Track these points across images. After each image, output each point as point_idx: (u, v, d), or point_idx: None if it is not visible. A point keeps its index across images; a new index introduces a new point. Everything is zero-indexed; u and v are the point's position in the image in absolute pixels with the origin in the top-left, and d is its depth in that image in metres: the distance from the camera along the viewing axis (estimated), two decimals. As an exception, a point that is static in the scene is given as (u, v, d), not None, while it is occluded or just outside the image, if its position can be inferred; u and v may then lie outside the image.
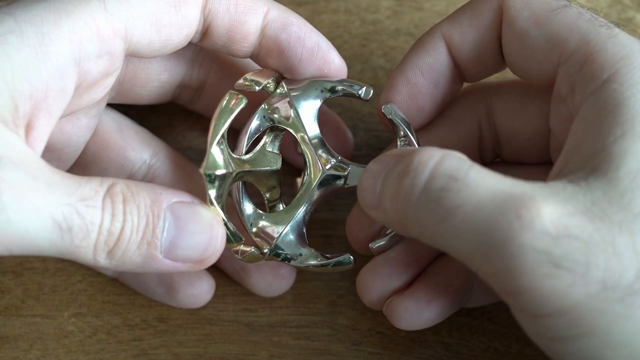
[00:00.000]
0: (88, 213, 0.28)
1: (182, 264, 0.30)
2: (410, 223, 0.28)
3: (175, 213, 0.30)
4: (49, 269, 0.39)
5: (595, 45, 0.29)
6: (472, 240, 0.26)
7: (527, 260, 0.25)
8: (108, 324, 0.38)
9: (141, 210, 0.29)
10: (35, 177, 0.27)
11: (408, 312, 0.33)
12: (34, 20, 0.28)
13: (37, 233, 0.27)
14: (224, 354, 0.37)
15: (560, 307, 0.25)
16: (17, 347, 0.38)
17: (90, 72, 0.30)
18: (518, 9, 0.31)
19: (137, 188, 0.29)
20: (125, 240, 0.29)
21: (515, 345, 0.37)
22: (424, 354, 0.37)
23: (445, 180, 0.27)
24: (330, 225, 0.39)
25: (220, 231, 0.31)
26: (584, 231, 0.25)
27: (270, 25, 0.34)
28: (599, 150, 0.27)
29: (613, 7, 0.41)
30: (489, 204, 0.26)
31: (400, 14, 0.42)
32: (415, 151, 0.29)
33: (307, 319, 0.38)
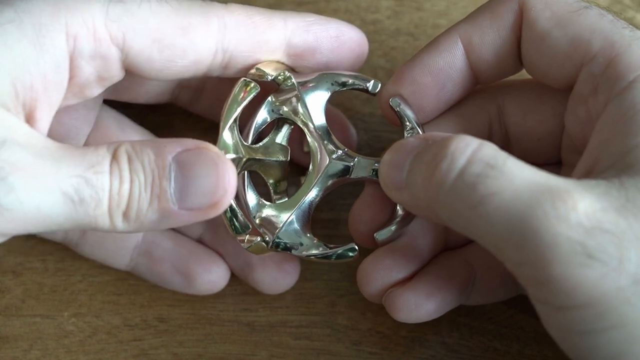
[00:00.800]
0: (98, 180, 0.28)
1: (198, 212, 0.29)
2: (441, 207, 0.29)
3: (180, 162, 0.29)
4: (49, 269, 0.39)
5: (620, 47, 0.30)
6: (506, 227, 0.26)
7: (561, 249, 0.25)
8: (108, 324, 0.38)
9: (146, 167, 0.29)
10: (40, 155, 0.27)
11: (407, 304, 0.33)
12: (33, 10, 0.29)
13: (50, 209, 0.27)
14: (224, 354, 0.37)
15: (590, 298, 0.25)
16: (17, 347, 0.38)
17: (82, 70, 0.30)
18: (539, 10, 0.31)
19: (141, 145, 0.29)
20: (135, 199, 0.28)
21: (515, 345, 0.37)
22: (424, 354, 0.37)
23: (482, 167, 0.27)
24: (331, 225, 0.39)
25: (228, 168, 0.30)
26: (618, 226, 0.26)
27: (294, 34, 0.33)
28: (630, 148, 0.28)
29: (613, 7, 0.41)
30: (526, 193, 0.26)
31: (400, 14, 0.42)
32: (451, 137, 0.29)
33: (307, 319, 0.38)
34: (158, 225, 0.29)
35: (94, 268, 0.39)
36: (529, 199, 0.26)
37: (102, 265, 0.39)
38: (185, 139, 0.30)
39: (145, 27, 0.30)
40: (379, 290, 0.34)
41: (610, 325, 0.26)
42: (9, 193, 0.26)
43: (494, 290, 0.35)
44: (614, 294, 0.25)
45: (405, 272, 0.34)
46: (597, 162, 0.29)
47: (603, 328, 0.26)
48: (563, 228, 0.26)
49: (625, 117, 0.29)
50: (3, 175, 0.26)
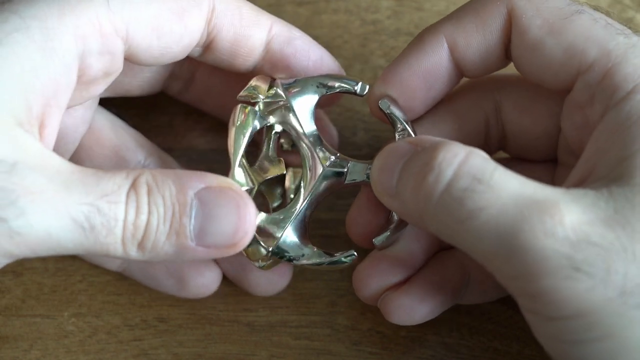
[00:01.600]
0: (110, 209, 0.27)
1: (215, 250, 0.29)
2: (430, 219, 0.29)
3: (202, 199, 0.29)
4: (49, 269, 0.39)
5: (616, 57, 0.29)
6: (494, 242, 0.27)
7: (549, 263, 0.26)
8: (108, 324, 0.38)
9: (167, 200, 0.28)
10: (51, 179, 0.27)
11: (402, 308, 0.33)
12: (38, 15, 0.28)
13: (59, 235, 0.27)
14: (224, 354, 0.37)
15: (578, 309, 0.26)
16: (17, 347, 0.38)
17: (92, 68, 0.30)
18: (530, 17, 0.31)
19: (163, 177, 0.29)
20: (153, 231, 0.28)
21: (515, 345, 0.37)
22: (424, 354, 0.37)
23: (469, 181, 0.27)
24: (331, 225, 0.39)
25: (249, 209, 0.30)
26: (605, 239, 0.26)
27: (275, 40, 0.34)
28: (623, 159, 0.28)
29: (613, 7, 0.41)
30: (513, 208, 0.26)
31: (400, 14, 0.42)
32: (438, 146, 0.29)
33: (307, 319, 0.38)
34: (172, 258, 0.29)
35: (94, 268, 0.39)
36: (517, 213, 0.26)
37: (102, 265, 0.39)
38: (208, 174, 0.30)
39: (145, 16, 0.30)
40: (375, 293, 0.34)
41: (599, 336, 0.26)
42: (19, 217, 0.26)
43: (488, 289, 0.35)
44: (601, 305, 0.25)
45: (401, 275, 0.34)
46: (591, 172, 0.29)
47: (592, 338, 0.26)
48: (550, 242, 0.26)
49: (622, 128, 0.28)
50: (13, 198, 0.26)
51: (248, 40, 0.33)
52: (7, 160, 0.26)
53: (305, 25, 0.42)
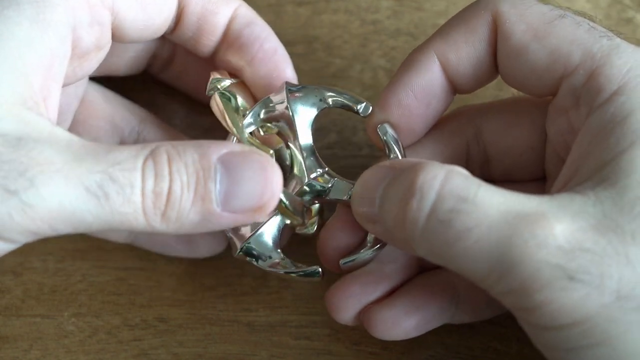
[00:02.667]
0: (124, 177, 0.27)
1: (241, 215, 0.29)
2: (417, 245, 0.28)
3: (226, 164, 0.28)
4: (49, 269, 0.39)
5: (600, 59, 0.29)
6: (486, 260, 0.26)
7: (543, 276, 0.25)
8: (108, 324, 0.38)
9: (189, 167, 0.28)
10: (60, 151, 0.26)
11: (385, 322, 0.33)
12: None
13: (73, 205, 0.26)
14: (224, 354, 0.37)
15: (574, 318, 0.26)
16: (17, 347, 0.38)
17: (83, 40, 0.30)
18: (513, 23, 0.31)
19: (183, 146, 0.28)
20: (177, 199, 0.28)
21: (515, 346, 0.37)
22: (424, 354, 0.37)
23: (454, 202, 0.27)
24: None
25: (275, 173, 0.29)
26: (597, 244, 0.26)
27: (237, 20, 0.34)
28: (608, 161, 0.28)
29: (613, 7, 0.41)
30: (502, 224, 0.26)
31: (400, 14, 0.42)
32: (417, 168, 0.28)
33: (307, 319, 0.38)
34: (197, 227, 0.28)
35: (94, 268, 0.39)
36: (507, 229, 0.26)
37: (102, 265, 0.39)
38: (228, 142, 0.29)
39: None
40: (351, 316, 0.34)
41: (595, 342, 0.26)
42: (28, 188, 0.25)
43: (480, 309, 0.35)
44: (597, 312, 0.25)
45: (376, 294, 0.34)
46: (575, 175, 0.29)
47: (588, 345, 0.26)
48: (543, 254, 0.25)
49: (605, 130, 0.28)
50: (22, 170, 0.26)
51: (214, 17, 0.34)
52: (12, 134, 0.26)
53: (305, 25, 0.42)
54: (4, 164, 0.26)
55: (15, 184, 0.25)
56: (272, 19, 0.42)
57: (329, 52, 0.42)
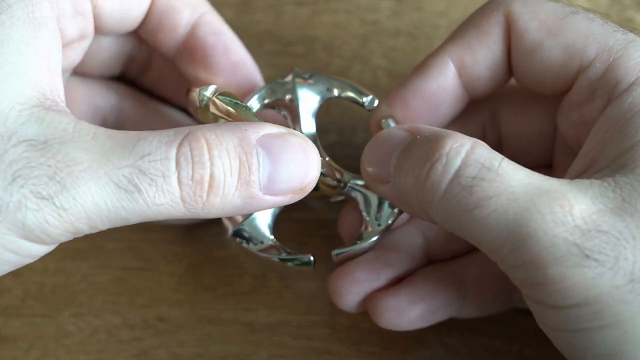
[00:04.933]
0: (154, 168, 0.26)
1: (282, 197, 0.29)
2: (434, 209, 0.29)
3: (266, 146, 0.28)
4: (49, 269, 0.39)
5: (616, 52, 0.30)
6: (502, 230, 0.27)
7: (558, 251, 0.26)
8: (108, 324, 0.38)
9: (231, 152, 0.27)
10: (86, 149, 0.26)
11: (389, 310, 0.33)
12: None
13: (106, 203, 0.26)
14: (224, 354, 0.37)
15: (585, 297, 0.26)
16: (17, 347, 0.38)
17: (67, 31, 0.30)
18: (526, 20, 0.31)
19: (220, 129, 0.28)
20: (220, 185, 0.27)
21: (515, 345, 0.37)
22: (424, 354, 0.37)
23: (478, 169, 0.27)
24: (330, 225, 0.39)
25: (314, 153, 0.29)
26: (614, 227, 0.26)
27: (202, 27, 0.34)
28: (626, 149, 0.28)
29: (613, 7, 0.41)
30: (522, 196, 0.26)
31: (400, 14, 0.42)
32: (443, 135, 0.29)
33: (307, 319, 0.38)
34: (239, 210, 0.28)
35: (94, 268, 0.39)
36: (526, 202, 0.26)
37: (102, 265, 0.39)
38: (261, 122, 0.29)
39: None
40: (354, 303, 0.34)
41: (605, 324, 0.26)
42: (60, 193, 0.26)
43: (486, 303, 0.35)
44: (610, 292, 0.25)
45: (379, 282, 0.34)
46: (592, 164, 0.29)
47: (598, 326, 0.26)
48: (560, 230, 0.26)
49: (623, 119, 0.29)
50: (51, 174, 0.26)
51: (176, 15, 0.33)
52: (37, 138, 0.26)
53: (305, 25, 0.42)
54: (33, 170, 0.26)
55: (47, 189, 0.26)
56: (272, 19, 0.42)
57: (329, 52, 0.42)
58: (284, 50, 0.42)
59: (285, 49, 0.42)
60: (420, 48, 0.42)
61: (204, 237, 0.39)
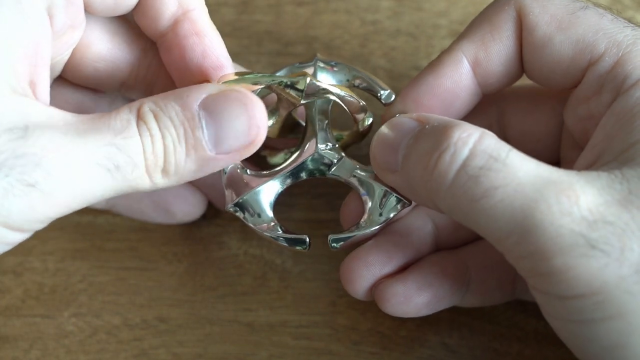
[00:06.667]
0: (128, 145, 0.28)
1: (235, 153, 0.30)
2: (441, 199, 0.29)
3: (208, 108, 0.29)
4: (49, 269, 0.39)
5: (626, 47, 0.30)
6: (508, 220, 0.27)
7: (564, 241, 0.26)
8: (108, 324, 0.38)
9: (175, 120, 0.29)
10: (65, 132, 0.27)
11: (396, 297, 0.33)
12: None
13: (89, 184, 0.27)
14: (224, 354, 0.37)
15: (591, 288, 0.26)
16: (17, 347, 0.38)
17: (57, 19, 0.30)
18: (537, 15, 0.31)
19: (163, 100, 0.29)
20: (171, 153, 0.29)
21: (515, 346, 0.37)
22: (424, 354, 0.37)
23: (486, 159, 0.28)
24: (331, 225, 0.39)
25: (256, 104, 0.30)
26: (620, 218, 0.26)
27: (184, 25, 0.32)
28: (633, 142, 0.28)
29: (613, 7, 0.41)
30: (529, 187, 0.27)
31: (400, 14, 0.42)
32: (452, 124, 0.29)
33: (307, 319, 0.38)
34: (196, 174, 0.29)
35: (94, 268, 0.39)
36: (533, 192, 0.27)
37: (102, 265, 0.39)
38: (206, 84, 0.30)
39: None
40: (365, 288, 0.34)
41: (610, 315, 0.26)
42: (46, 178, 0.26)
43: (490, 291, 0.35)
44: (615, 283, 0.26)
45: (389, 267, 0.34)
46: (599, 157, 0.29)
47: (602, 317, 0.26)
48: (567, 221, 0.26)
49: (630, 113, 0.29)
50: (36, 160, 0.26)
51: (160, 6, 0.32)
52: (18, 126, 0.27)
53: (305, 26, 0.42)
54: (18, 159, 0.26)
55: (33, 176, 0.26)
56: (272, 19, 0.42)
57: (329, 52, 0.42)
58: (284, 50, 0.42)
59: (285, 49, 0.42)
60: (420, 48, 0.42)
61: (204, 237, 0.39)
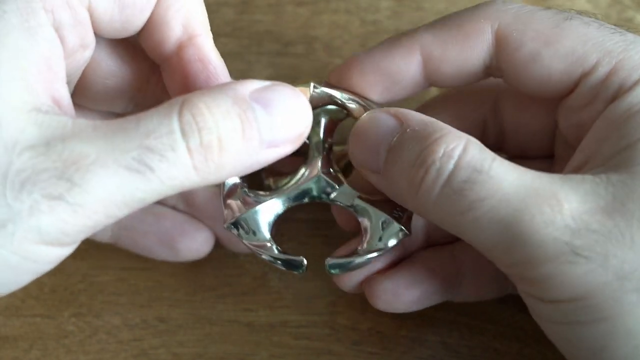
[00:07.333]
0: (162, 143, 0.26)
1: (284, 147, 0.29)
2: (428, 211, 0.29)
3: (260, 100, 0.28)
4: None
5: (618, 54, 0.30)
6: (495, 231, 0.27)
7: (548, 250, 0.26)
8: (108, 324, 0.38)
9: (230, 111, 0.27)
10: (90, 141, 0.26)
11: (385, 293, 0.33)
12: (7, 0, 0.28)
13: (120, 189, 0.26)
14: (224, 354, 0.37)
15: (577, 293, 0.26)
16: (17, 347, 0.38)
17: (68, 39, 0.30)
18: (521, 32, 0.31)
19: (212, 93, 0.28)
20: (229, 145, 0.27)
21: (515, 345, 0.37)
22: (424, 354, 0.37)
23: (470, 172, 0.27)
24: (330, 226, 0.39)
25: (304, 98, 0.29)
26: (604, 226, 0.26)
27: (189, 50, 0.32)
28: (623, 148, 0.28)
29: (613, 7, 0.41)
30: (513, 198, 0.27)
31: (400, 14, 0.42)
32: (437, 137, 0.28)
33: (307, 319, 0.38)
34: (249, 167, 0.28)
35: (94, 268, 0.39)
36: (517, 202, 0.27)
37: (102, 265, 0.39)
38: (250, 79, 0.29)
39: None
40: (354, 283, 0.34)
41: (595, 318, 0.26)
42: (71, 189, 0.25)
43: (484, 286, 0.35)
44: (599, 288, 0.26)
45: (379, 264, 0.34)
46: (588, 160, 0.29)
47: (588, 320, 0.27)
48: (550, 231, 0.26)
49: (622, 118, 0.29)
50: (59, 174, 0.25)
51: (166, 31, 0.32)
52: (39, 142, 0.26)
53: (305, 25, 0.42)
54: (41, 174, 0.25)
55: (57, 189, 0.25)
56: (272, 19, 0.42)
57: (329, 52, 0.42)
58: (284, 50, 0.42)
59: (285, 49, 0.42)
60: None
61: (204, 237, 0.39)
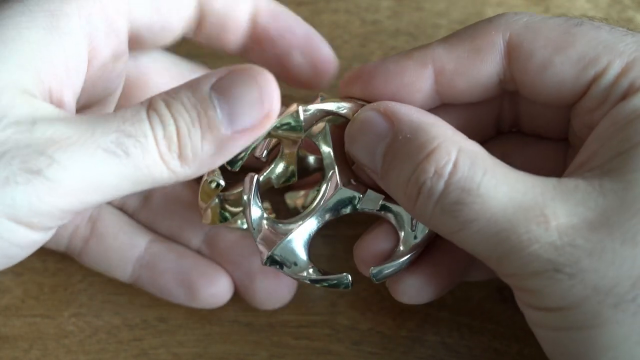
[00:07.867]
0: (135, 129, 0.27)
1: (251, 131, 0.29)
2: (426, 223, 0.30)
3: (220, 89, 0.29)
4: (49, 268, 0.39)
5: (629, 55, 0.30)
6: (486, 247, 0.28)
7: (533, 266, 0.27)
8: (108, 324, 0.38)
9: (186, 104, 0.28)
10: (72, 124, 0.27)
11: (411, 288, 0.34)
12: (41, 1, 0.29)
13: (97, 171, 0.27)
14: (224, 354, 0.37)
15: (561, 304, 0.27)
16: (17, 347, 0.38)
17: (100, 49, 0.30)
18: (531, 40, 0.30)
19: (174, 89, 0.29)
20: (186, 136, 0.28)
21: (515, 345, 0.37)
22: (424, 354, 0.37)
23: (458, 194, 0.28)
24: (331, 226, 0.39)
25: (266, 77, 0.29)
26: (588, 241, 0.27)
27: (261, 14, 0.34)
28: (621, 152, 0.28)
29: (613, 7, 0.41)
30: (501, 217, 0.28)
31: (400, 14, 0.42)
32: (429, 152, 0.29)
33: (307, 319, 0.38)
34: (217, 158, 0.29)
35: (94, 268, 0.39)
36: (505, 222, 0.27)
37: (102, 265, 0.39)
38: (215, 70, 0.29)
39: None
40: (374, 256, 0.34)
41: (579, 327, 0.27)
42: (50, 165, 0.26)
43: None
44: (580, 303, 0.27)
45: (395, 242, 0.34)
46: (589, 160, 0.29)
47: (572, 328, 0.28)
48: (535, 248, 0.27)
49: (626, 120, 0.29)
50: (41, 150, 0.26)
51: (235, 12, 0.34)
52: (25, 120, 0.27)
53: (305, 25, 0.42)
54: (22, 149, 0.26)
55: (37, 163, 0.26)
56: (272, 19, 0.42)
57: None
58: (284, 50, 0.42)
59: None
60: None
61: (204, 237, 0.39)
